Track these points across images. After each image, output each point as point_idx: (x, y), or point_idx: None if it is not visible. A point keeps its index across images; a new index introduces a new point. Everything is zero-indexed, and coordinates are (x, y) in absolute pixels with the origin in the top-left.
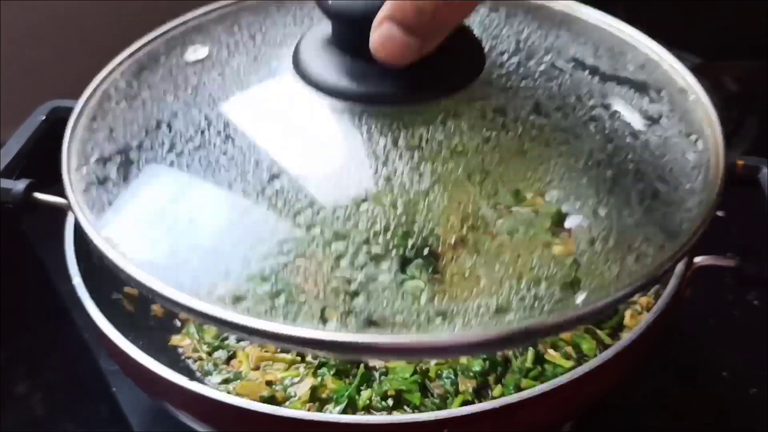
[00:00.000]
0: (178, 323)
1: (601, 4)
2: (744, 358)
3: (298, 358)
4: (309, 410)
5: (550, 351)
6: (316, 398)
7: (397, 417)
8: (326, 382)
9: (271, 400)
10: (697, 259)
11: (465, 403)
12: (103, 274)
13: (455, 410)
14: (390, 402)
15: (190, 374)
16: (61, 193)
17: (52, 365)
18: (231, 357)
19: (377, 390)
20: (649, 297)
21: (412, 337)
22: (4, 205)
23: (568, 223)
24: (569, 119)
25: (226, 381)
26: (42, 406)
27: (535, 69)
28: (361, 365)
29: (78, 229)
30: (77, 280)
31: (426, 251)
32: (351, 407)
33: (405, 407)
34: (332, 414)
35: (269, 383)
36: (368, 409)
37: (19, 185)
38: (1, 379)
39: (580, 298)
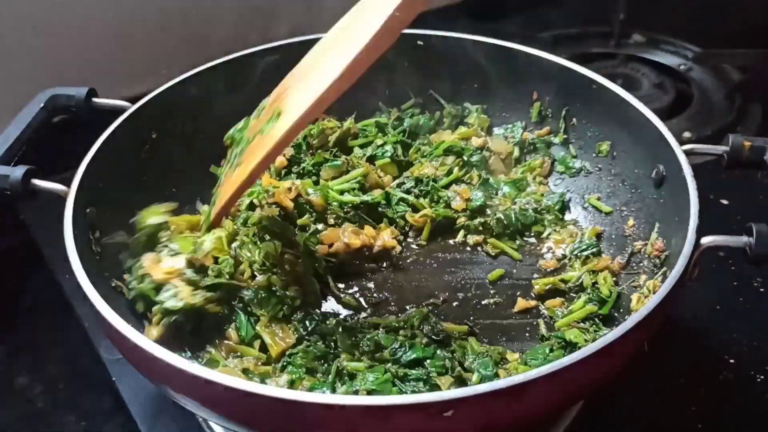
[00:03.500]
0: None
1: None
2: (750, 344)
3: (263, 355)
4: None
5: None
6: None
7: (404, 397)
8: (303, 377)
9: None
10: (705, 240)
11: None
12: (102, 261)
13: (462, 390)
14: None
15: None
16: (60, 179)
17: (52, 357)
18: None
19: (349, 388)
20: (656, 280)
21: None
22: (3, 192)
23: None
24: None
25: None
26: (43, 398)
27: None
28: (334, 364)
29: (77, 217)
30: (77, 266)
31: None
32: None
33: None
34: (339, 395)
35: (246, 371)
36: None
37: (17, 172)
38: (2, 372)
39: None
